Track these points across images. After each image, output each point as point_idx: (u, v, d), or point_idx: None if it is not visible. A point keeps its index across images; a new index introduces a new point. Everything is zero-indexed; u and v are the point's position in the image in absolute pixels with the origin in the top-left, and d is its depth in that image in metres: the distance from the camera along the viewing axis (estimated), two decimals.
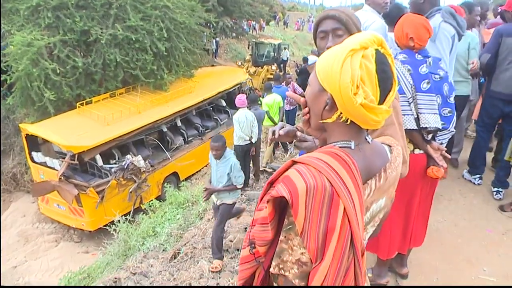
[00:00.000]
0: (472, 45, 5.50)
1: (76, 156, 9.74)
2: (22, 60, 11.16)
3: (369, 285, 1.52)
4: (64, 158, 9.88)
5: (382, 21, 4.21)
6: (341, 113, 1.37)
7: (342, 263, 1.25)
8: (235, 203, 5.99)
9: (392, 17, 4.25)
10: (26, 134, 10.51)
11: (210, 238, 5.89)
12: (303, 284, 1.28)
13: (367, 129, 1.47)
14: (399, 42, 3.17)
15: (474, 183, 5.73)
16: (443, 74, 3.08)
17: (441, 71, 3.09)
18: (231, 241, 5.90)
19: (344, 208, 1.25)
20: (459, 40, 4.19)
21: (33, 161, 10.79)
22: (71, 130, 10.36)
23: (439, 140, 3.23)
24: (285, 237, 1.29)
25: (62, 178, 9.54)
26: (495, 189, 5.39)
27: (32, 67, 11.25)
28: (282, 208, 1.30)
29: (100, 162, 10.34)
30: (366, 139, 1.47)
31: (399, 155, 1.56)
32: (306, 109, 1.50)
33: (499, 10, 6.81)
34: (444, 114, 3.08)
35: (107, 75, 12.79)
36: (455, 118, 3.18)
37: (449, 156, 3.22)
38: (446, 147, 3.25)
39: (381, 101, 1.36)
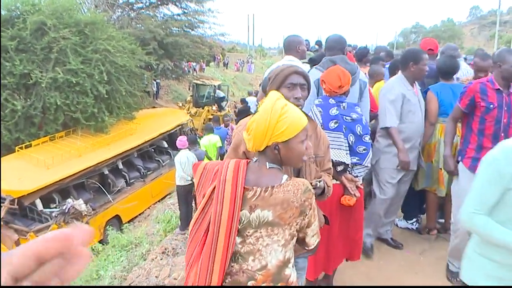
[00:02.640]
0: None
1: (16, 200, 9.62)
2: None
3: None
4: (3, 203, 9.73)
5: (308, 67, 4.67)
6: None
7: (203, 220, 2.00)
8: None
9: (316, 62, 4.71)
10: None
11: (154, 277, 5.98)
12: None
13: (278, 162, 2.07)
14: (321, 86, 3.69)
15: (412, 228, 5.67)
16: (356, 117, 3.57)
17: (354, 114, 3.59)
18: (175, 279, 5.99)
19: (214, 186, 1.99)
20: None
21: None
22: (10, 174, 10.21)
23: (355, 173, 3.66)
24: None
25: (2, 223, 9.39)
26: (413, 220, 5.70)
27: None
28: None
29: (40, 206, 10.19)
30: (266, 164, 2.05)
31: (297, 187, 1.97)
32: None
33: None
34: (359, 151, 3.60)
35: (47, 119, 12.75)
36: (370, 154, 3.67)
37: (361, 187, 3.67)
38: None
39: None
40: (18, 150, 11.33)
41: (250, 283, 1.94)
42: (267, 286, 1.94)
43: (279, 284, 1.98)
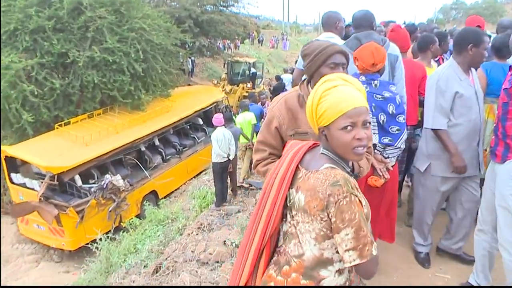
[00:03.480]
0: None
1: (56, 176, 9.86)
2: None
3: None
4: (43, 179, 10.00)
5: None
6: None
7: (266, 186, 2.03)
8: None
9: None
10: (5, 156, 10.59)
11: (190, 252, 6.09)
12: None
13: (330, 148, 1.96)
14: (354, 63, 3.53)
15: None
16: (389, 96, 3.41)
17: (387, 92, 3.43)
18: (210, 254, 6.08)
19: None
20: None
21: (12, 183, 10.85)
22: (50, 151, 10.50)
23: (386, 154, 3.54)
24: None
25: (42, 198, 9.65)
26: None
27: (10, 89, 11.36)
28: None
29: (79, 182, 10.44)
30: (320, 150, 1.97)
31: (327, 177, 1.81)
32: None
33: None
34: (392, 131, 3.44)
35: (85, 97, 12.96)
36: (404, 135, 3.51)
37: (391, 169, 3.56)
38: None
39: None
40: (57, 128, 11.56)
41: (285, 268, 1.93)
42: (279, 287, 1.91)
43: (307, 282, 1.90)
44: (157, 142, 13.06)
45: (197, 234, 7.28)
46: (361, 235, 1.74)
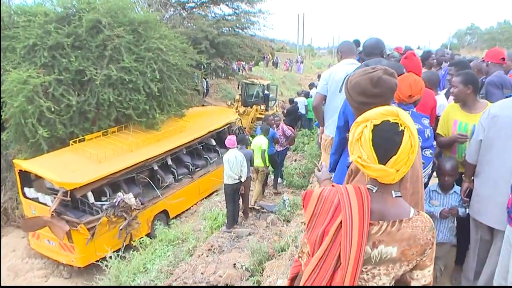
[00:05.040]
0: None
1: (69, 192, 9.91)
2: (17, 97, 11.36)
3: None
4: (56, 194, 10.05)
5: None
6: None
7: (327, 257, 1.82)
8: None
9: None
10: (20, 170, 10.69)
11: (200, 274, 6.09)
12: None
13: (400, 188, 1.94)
14: None
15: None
16: (417, 128, 3.25)
17: (417, 125, 3.26)
18: (220, 276, 6.08)
19: (341, 221, 1.81)
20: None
21: (25, 197, 10.93)
22: (64, 167, 10.55)
23: None
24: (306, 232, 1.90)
25: (54, 214, 9.69)
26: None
27: (27, 104, 11.47)
28: None
29: (91, 199, 10.47)
30: (391, 192, 1.89)
31: (424, 223, 1.85)
32: None
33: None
34: None
35: (101, 114, 13.05)
36: (428, 169, 3.50)
37: None
38: None
39: (381, 161, 1.78)
40: (72, 144, 11.65)
41: None
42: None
43: None
44: (169, 162, 13.14)
45: (207, 256, 7.29)
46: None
